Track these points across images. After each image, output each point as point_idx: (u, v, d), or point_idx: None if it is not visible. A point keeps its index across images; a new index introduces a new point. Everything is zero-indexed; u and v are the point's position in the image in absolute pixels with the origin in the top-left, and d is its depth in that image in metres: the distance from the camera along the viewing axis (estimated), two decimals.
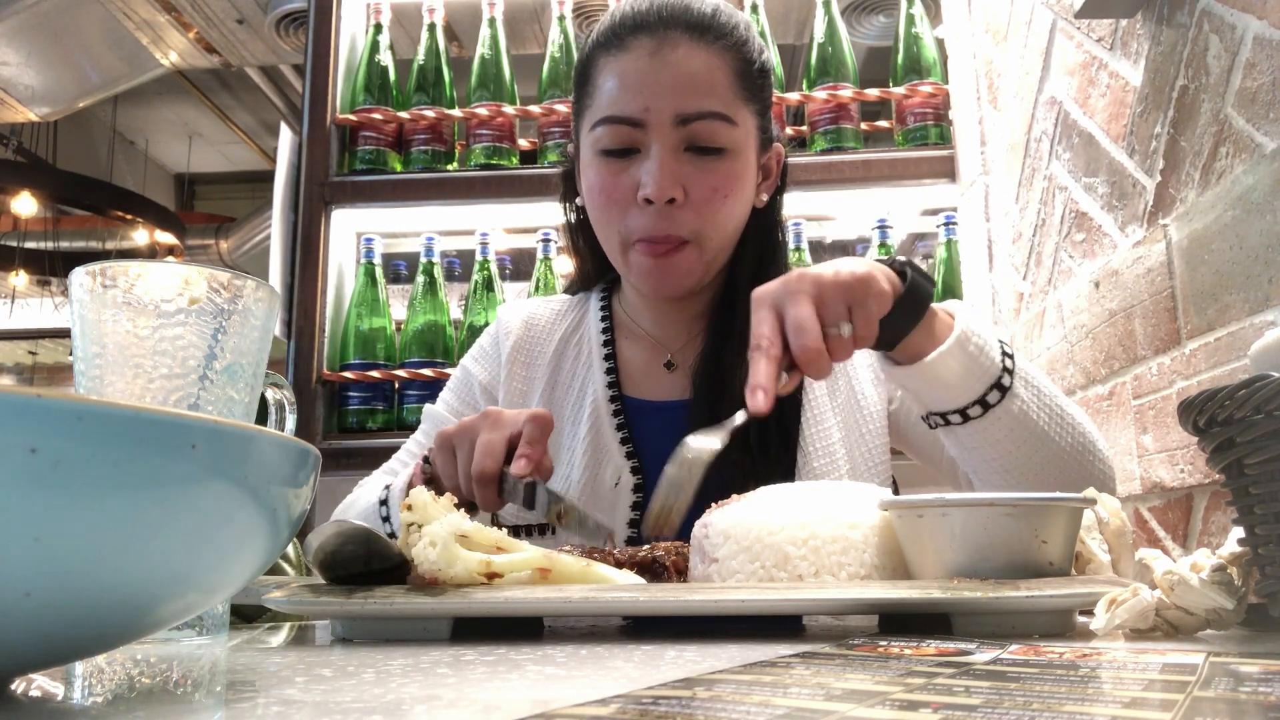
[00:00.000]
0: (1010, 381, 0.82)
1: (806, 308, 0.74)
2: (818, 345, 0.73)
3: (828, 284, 0.75)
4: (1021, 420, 0.83)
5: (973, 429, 0.83)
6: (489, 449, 0.85)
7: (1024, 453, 0.84)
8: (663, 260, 0.99)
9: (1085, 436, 0.87)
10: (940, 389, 0.82)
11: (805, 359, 0.73)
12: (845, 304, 0.75)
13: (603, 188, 1.00)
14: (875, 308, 0.76)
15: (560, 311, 1.18)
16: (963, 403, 0.82)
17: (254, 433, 0.35)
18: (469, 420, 0.88)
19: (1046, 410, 0.84)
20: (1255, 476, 0.50)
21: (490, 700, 0.35)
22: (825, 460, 1.01)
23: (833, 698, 0.31)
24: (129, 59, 4.12)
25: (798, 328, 0.74)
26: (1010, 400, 0.82)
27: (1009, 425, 0.83)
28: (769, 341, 0.74)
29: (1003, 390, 0.82)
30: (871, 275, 0.76)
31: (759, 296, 0.78)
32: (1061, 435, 0.85)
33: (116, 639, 0.37)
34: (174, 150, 7.44)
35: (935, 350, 0.79)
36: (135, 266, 0.51)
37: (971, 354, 0.80)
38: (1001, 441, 0.83)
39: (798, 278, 0.76)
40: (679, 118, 0.97)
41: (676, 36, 0.98)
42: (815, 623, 0.66)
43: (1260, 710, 0.30)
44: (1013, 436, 0.83)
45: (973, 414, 0.82)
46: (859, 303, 0.75)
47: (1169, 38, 1.03)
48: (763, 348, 0.74)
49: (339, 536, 0.58)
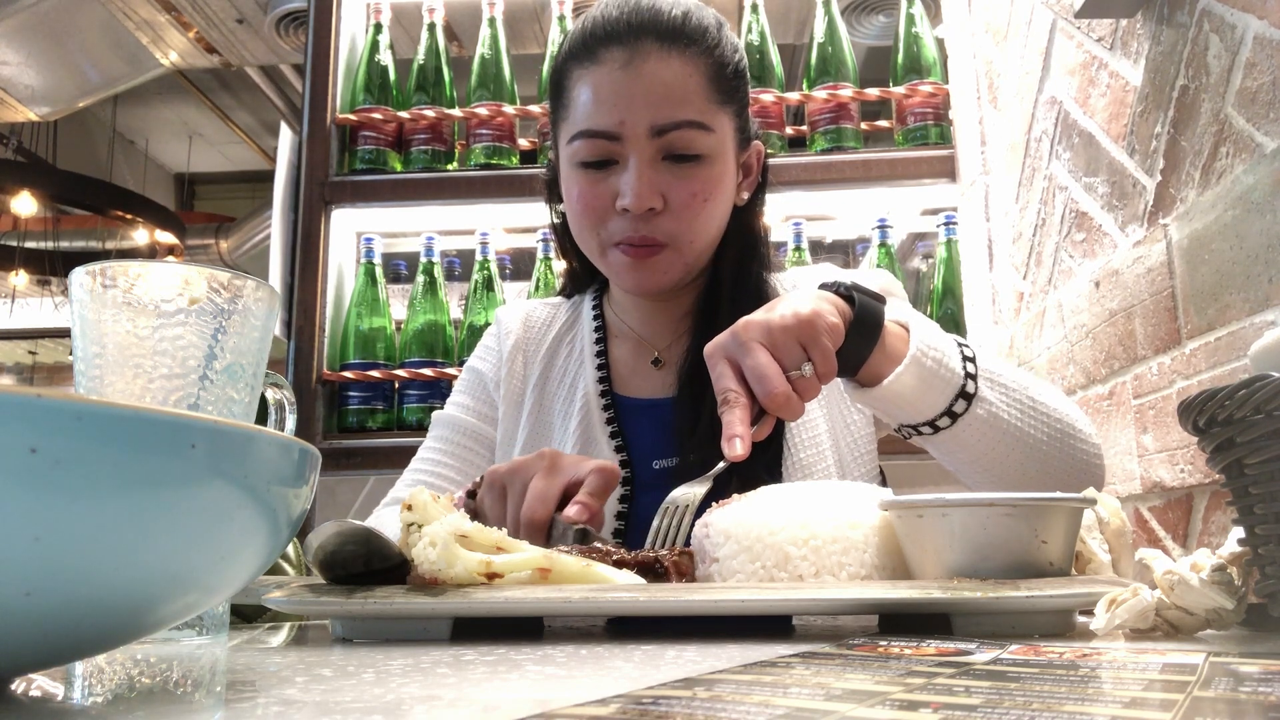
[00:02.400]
0: (975, 388, 0.82)
1: (761, 355, 0.74)
2: (784, 390, 0.73)
3: (776, 329, 0.75)
4: (992, 423, 0.83)
5: (944, 437, 0.84)
6: (542, 496, 0.81)
7: (1000, 452, 0.84)
8: (642, 261, 1.00)
9: (1063, 423, 0.87)
10: (904, 407, 0.82)
11: (774, 405, 0.74)
12: (799, 344, 0.75)
13: (582, 198, 1.01)
14: (829, 342, 0.76)
15: (556, 311, 1.19)
16: (929, 416, 0.82)
17: (254, 433, 0.35)
18: (522, 460, 0.84)
19: (1018, 407, 0.85)
20: (1255, 476, 0.50)
21: (490, 700, 0.35)
22: (812, 451, 1.01)
23: (833, 698, 0.31)
24: (129, 59, 4.12)
25: (758, 377, 0.74)
26: (977, 405, 0.82)
27: (980, 430, 0.83)
28: (734, 394, 0.74)
29: (968, 398, 0.82)
30: (817, 312, 0.75)
31: (711, 352, 0.78)
32: (1037, 428, 0.85)
33: (116, 639, 0.37)
34: (174, 150, 7.44)
35: (892, 373, 0.79)
36: (135, 266, 0.51)
37: (930, 369, 0.80)
38: (975, 445, 0.84)
39: (744, 326, 0.76)
40: (654, 129, 0.97)
41: (648, 46, 0.97)
42: (815, 623, 0.66)
43: (1260, 710, 0.30)
44: (986, 439, 0.83)
45: (941, 425, 0.82)
46: (812, 341, 0.75)
47: (1169, 37, 1.03)
48: (730, 400, 0.74)
49: (339, 536, 0.58)
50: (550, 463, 0.83)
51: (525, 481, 0.82)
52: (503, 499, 0.84)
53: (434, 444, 1.14)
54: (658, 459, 1.03)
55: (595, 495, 0.81)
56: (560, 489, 0.82)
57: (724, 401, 0.75)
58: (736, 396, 0.74)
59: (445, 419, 1.15)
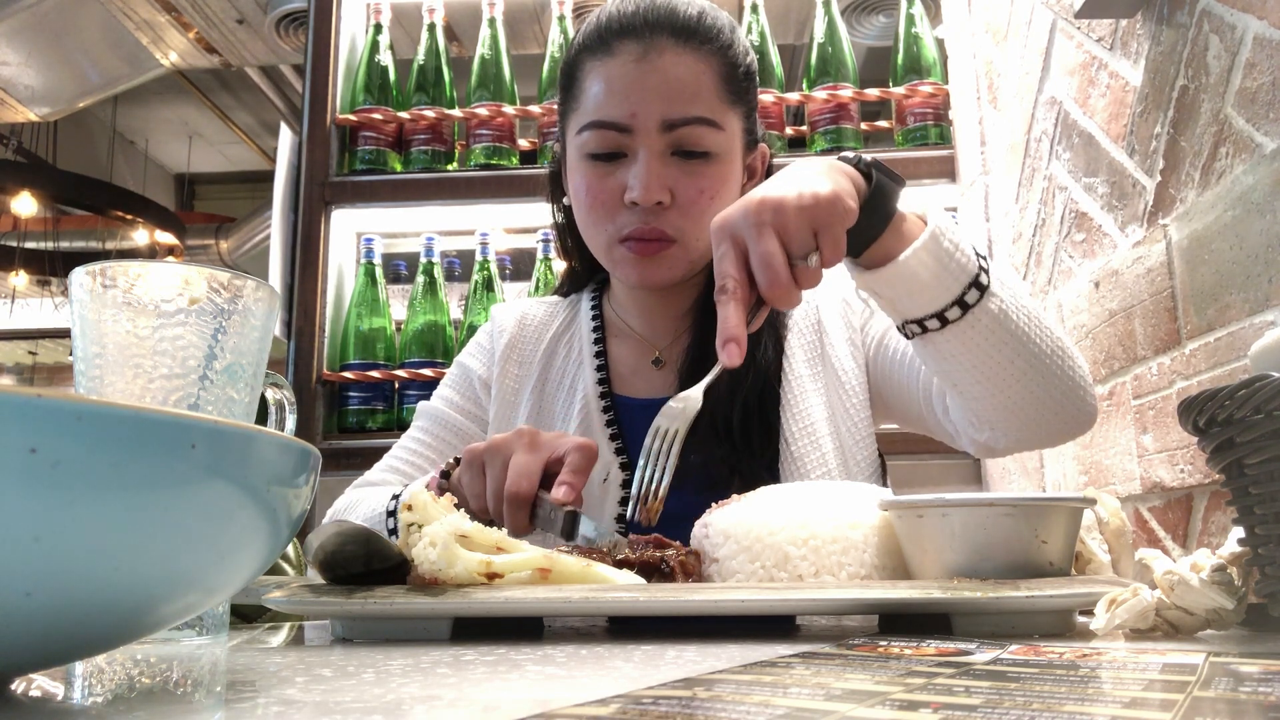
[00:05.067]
0: (987, 280, 0.78)
1: (771, 242, 0.70)
2: (786, 281, 0.70)
3: (791, 210, 0.70)
4: (1001, 321, 0.79)
5: (951, 334, 0.79)
6: (525, 470, 0.80)
7: (1005, 357, 0.80)
8: (648, 256, 1.00)
9: (1062, 341, 0.85)
10: (915, 291, 0.78)
11: (773, 295, 0.70)
12: (811, 229, 0.71)
13: (589, 190, 1.01)
14: (842, 229, 0.72)
15: (553, 311, 1.19)
16: (940, 304, 0.78)
17: (254, 433, 0.35)
18: (501, 438, 0.84)
19: (1024, 312, 0.81)
20: (1255, 476, 0.50)
21: (490, 700, 0.35)
22: (808, 441, 1.01)
23: (833, 698, 0.31)
24: (129, 59, 4.11)
25: (764, 264, 0.70)
26: (989, 299, 0.78)
27: (989, 327, 0.79)
28: (735, 282, 0.71)
29: (981, 289, 0.78)
30: (837, 195, 0.71)
31: (719, 226, 0.73)
32: (1041, 339, 0.82)
33: (116, 639, 0.37)
34: (174, 150, 7.44)
35: (908, 248, 0.76)
36: (135, 266, 0.51)
37: (946, 250, 0.77)
38: (982, 345, 0.79)
39: (759, 205, 0.71)
40: (666, 123, 0.97)
41: (663, 41, 0.98)
42: (815, 623, 0.66)
43: (1260, 710, 0.30)
44: (993, 339, 0.79)
45: (951, 316, 0.78)
46: (825, 227, 0.71)
47: (1169, 38, 1.03)
48: (729, 289, 0.71)
49: (339, 536, 0.58)
50: (530, 439, 0.83)
51: (505, 458, 0.82)
52: (482, 476, 0.84)
53: (416, 434, 1.14)
54: None
55: (578, 473, 0.81)
56: (542, 464, 0.82)
57: (722, 289, 0.71)
58: (736, 286, 0.71)
59: (429, 411, 1.15)
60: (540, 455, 0.82)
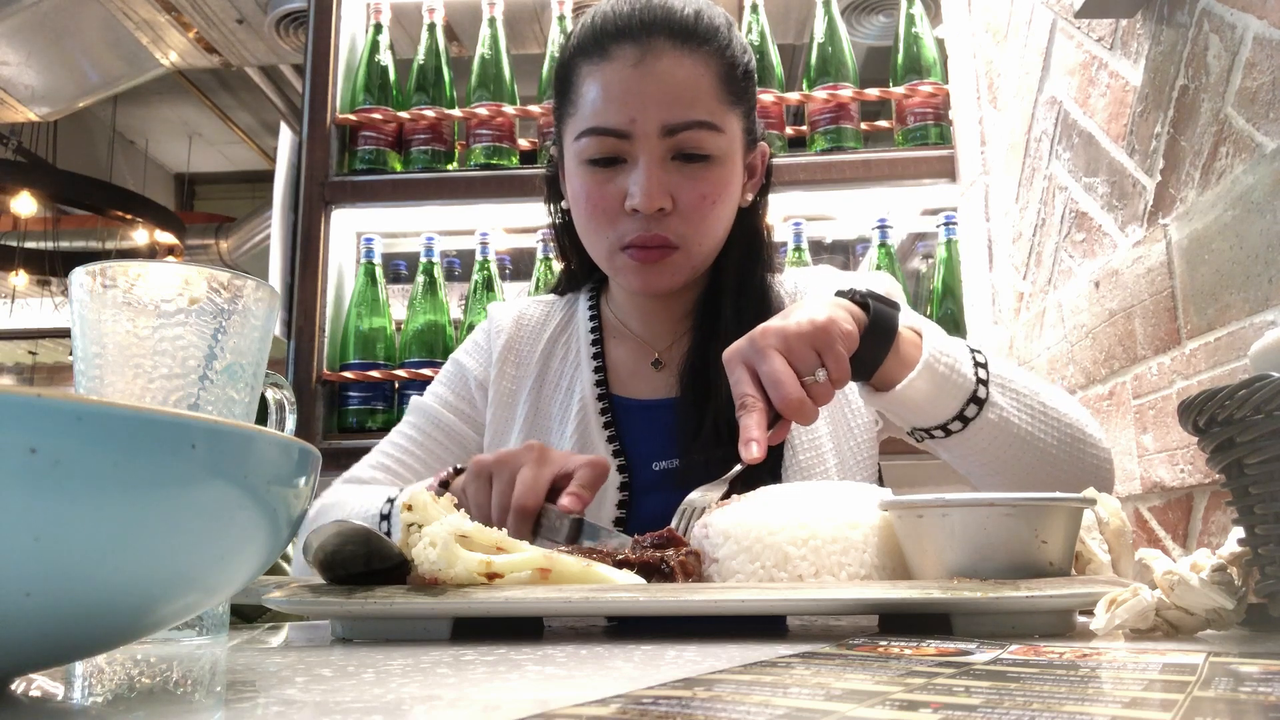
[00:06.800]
0: (986, 393, 0.83)
1: (777, 361, 0.76)
2: (798, 395, 0.75)
3: (792, 335, 0.76)
4: (1003, 427, 0.84)
5: (955, 441, 0.85)
6: (533, 484, 0.81)
7: (1011, 455, 0.85)
8: (651, 264, 1.00)
9: (1074, 428, 0.88)
10: (917, 411, 0.84)
11: (789, 410, 0.75)
12: (814, 351, 0.76)
13: (589, 197, 1.00)
14: (844, 349, 0.77)
15: (549, 310, 1.18)
16: (940, 420, 0.84)
17: (254, 433, 0.35)
18: (509, 452, 0.85)
19: (1029, 412, 0.86)
20: (1255, 476, 0.50)
21: (490, 700, 0.35)
22: (812, 454, 1.01)
23: (833, 698, 0.31)
24: (129, 59, 4.12)
25: (774, 382, 0.75)
26: (988, 410, 0.83)
27: (991, 434, 0.84)
28: (751, 398, 0.76)
29: (979, 403, 0.83)
30: (833, 320, 0.77)
31: (730, 357, 0.79)
32: (1048, 433, 0.86)
33: (116, 639, 0.37)
34: (174, 150, 7.45)
35: (905, 378, 0.81)
36: (135, 266, 0.51)
37: (942, 374, 0.82)
38: (987, 449, 0.85)
39: (761, 333, 0.78)
40: (665, 128, 0.96)
41: (660, 44, 0.96)
42: (815, 623, 0.66)
43: (1260, 710, 0.30)
44: (997, 444, 0.85)
45: (953, 429, 0.84)
46: (827, 347, 0.76)
47: (1169, 37, 1.03)
48: (747, 405, 0.76)
49: (339, 536, 0.58)
50: (539, 454, 0.84)
51: (513, 471, 0.83)
52: (488, 487, 0.84)
53: (407, 430, 1.13)
54: (658, 460, 1.03)
55: (586, 487, 0.82)
56: (550, 479, 0.82)
57: (741, 406, 0.77)
58: (754, 401, 0.76)
59: (422, 408, 1.14)
60: (549, 470, 0.83)
